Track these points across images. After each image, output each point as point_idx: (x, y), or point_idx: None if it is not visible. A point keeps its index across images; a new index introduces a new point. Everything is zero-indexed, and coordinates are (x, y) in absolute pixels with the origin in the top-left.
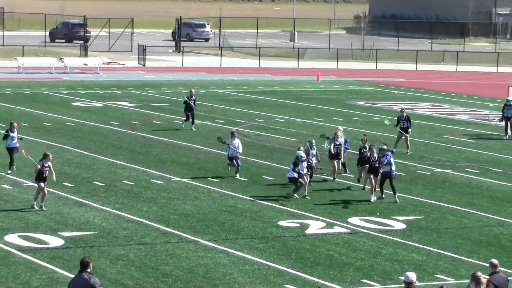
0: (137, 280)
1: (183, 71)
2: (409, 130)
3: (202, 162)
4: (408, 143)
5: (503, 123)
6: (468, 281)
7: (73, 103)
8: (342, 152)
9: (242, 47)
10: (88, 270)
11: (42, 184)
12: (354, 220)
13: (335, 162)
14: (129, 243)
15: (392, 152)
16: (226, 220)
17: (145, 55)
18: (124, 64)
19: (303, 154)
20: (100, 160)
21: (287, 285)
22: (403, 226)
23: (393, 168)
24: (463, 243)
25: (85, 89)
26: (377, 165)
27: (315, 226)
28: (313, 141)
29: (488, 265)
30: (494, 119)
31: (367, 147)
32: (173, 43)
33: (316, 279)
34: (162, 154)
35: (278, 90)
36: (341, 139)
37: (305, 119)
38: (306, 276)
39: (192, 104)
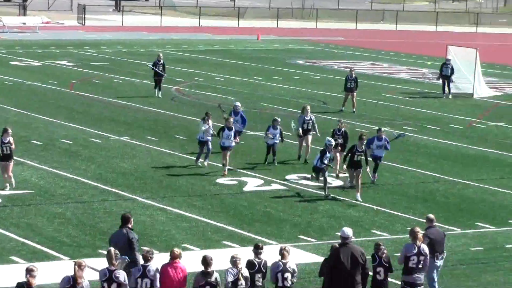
0: (74, 238)
1: (123, 30)
2: (356, 90)
3: (141, 121)
4: (355, 101)
5: (440, 81)
6: (404, 236)
7: (11, 62)
8: (314, 127)
9: (183, 6)
10: (129, 225)
11: (4, 162)
12: (292, 177)
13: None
14: (67, 201)
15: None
16: (164, 178)
17: (84, 14)
18: (63, 24)
19: (332, 141)
20: (38, 119)
21: (224, 242)
22: (340, 182)
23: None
24: (399, 199)
25: (23, 48)
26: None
27: (253, 184)
28: (279, 119)
29: (424, 220)
30: (429, 76)
31: (342, 130)
32: (113, 2)
33: (253, 236)
34: (100, 113)
35: (218, 49)
36: (311, 115)
37: (245, 78)
38: (244, 233)
39: (161, 69)
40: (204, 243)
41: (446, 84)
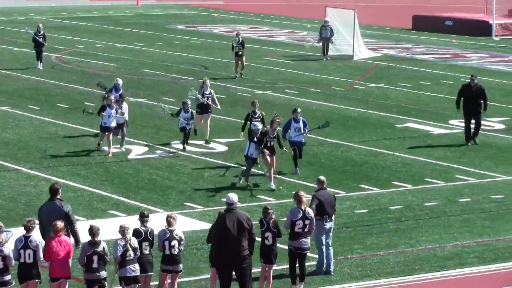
0: None
1: None
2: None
3: (22, 90)
4: (244, 65)
5: (320, 44)
6: (290, 200)
7: None
8: (214, 101)
9: None
10: (58, 196)
11: None
12: (176, 144)
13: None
14: None
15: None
16: (48, 148)
17: None
18: None
19: (259, 125)
20: None
21: (110, 211)
22: (225, 148)
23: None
24: (284, 163)
25: None
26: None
27: (137, 151)
28: (188, 102)
29: (309, 184)
30: (310, 40)
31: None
32: None
33: (139, 204)
34: None
35: (98, 15)
36: (210, 89)
37: (126, 44)
38: (130, 201)
39: (41, 40)
40: (90, 213)
41: (325, 46)
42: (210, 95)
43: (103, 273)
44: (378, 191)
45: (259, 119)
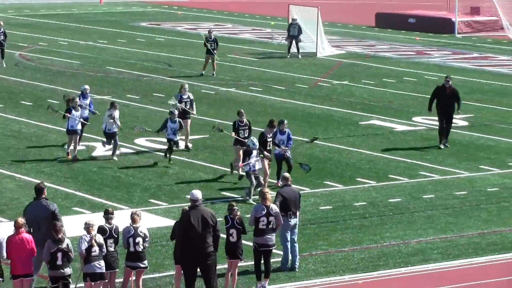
0: None
1: None
2: (216, 51)
3: None
4: (215, 65)
5: (287, 42)
6: (254, 197)
7: None
8: (192, 107)
9: None
10: (43, 196)
11: None
12: (140, 141)
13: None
14: None
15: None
16: (12, 145)
17: None
18: None
19: (255, 141)
20: None
21: (75, 208)
22: (189, 145)
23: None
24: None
25: None
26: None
27: (101, 149)
28: (176, 112)
29: (275, 181)
30: (278, 38)
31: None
32: None
33: (104, 201)
34: None
35: (61, 13)
36: (189, 93)
37: (89, 41)
38: (94, 198)
39: (2, 37)
40: None
41: (294, 44)
42: (188, 100)
43: (68, 270)
44: (342, 188)
45: (246, 127)
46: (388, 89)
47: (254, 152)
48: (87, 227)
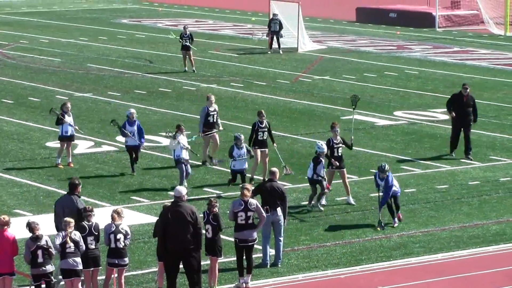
0: None
1: None
2: (191, 46)
3: None
4: (192, 60)
5: (268, 37)
6: (237, 193)
7: None
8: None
9: None
10: (76, 192)
11: None
12: (122, 139)
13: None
14: None
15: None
16: None
17: None
18: None
19: (324, 147)
20: None
21: None
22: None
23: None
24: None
25: None
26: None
27: (83, 146)
28: (242, 137)
29: (257, 177)
30: (258, 34)
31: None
32: None
33: (86, 198)
34: None
35: (42, 10)
36: (215, 105)
37: (70, 39)
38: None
39: None
40: (36, 208)
41: (275, 40)
42: (215, 112)
43: (49, 267)
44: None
45: (266, 129)
46: (369, 83)
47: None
48: (64, 224)
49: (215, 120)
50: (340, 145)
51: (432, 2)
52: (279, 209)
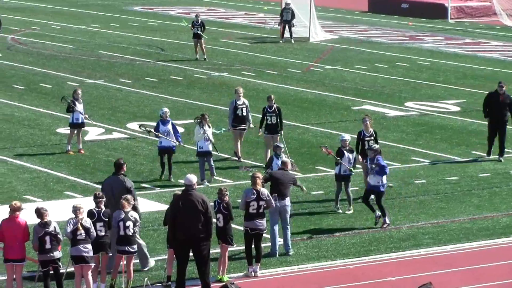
0: None
1: None
2: (203, 34)
3: None
4: (204, 48)
5: (280, 26)
6: (247, 181)
7: None
8: (248, 115)
9: None
10: (122, 171)
11: None
12: (133, 125)
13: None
14: None
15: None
16: (4, 129)
17: None
18: None
19: (344, 135)
20: None
21: (67, 192)
22: (181, 130)
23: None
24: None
25: None
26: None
27: (94, 133)
28: (282, 146)
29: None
30: (271, 23)
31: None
32: None
33: (96, 186)
34: None
35: None
36: (244, 99)
37: (82, 25)
38: (86, 182)
39: None
40: (46, 194)
41: (287, 29)
42: (244, 106)
43: (57, 254)
44: (334, 173)
45: (274, 114)
46: (380, 74)
47: (349, 155)
48: (75, 210)
49: (244, 114)
50: (372, 138)
51: None
52: (287, 199)
